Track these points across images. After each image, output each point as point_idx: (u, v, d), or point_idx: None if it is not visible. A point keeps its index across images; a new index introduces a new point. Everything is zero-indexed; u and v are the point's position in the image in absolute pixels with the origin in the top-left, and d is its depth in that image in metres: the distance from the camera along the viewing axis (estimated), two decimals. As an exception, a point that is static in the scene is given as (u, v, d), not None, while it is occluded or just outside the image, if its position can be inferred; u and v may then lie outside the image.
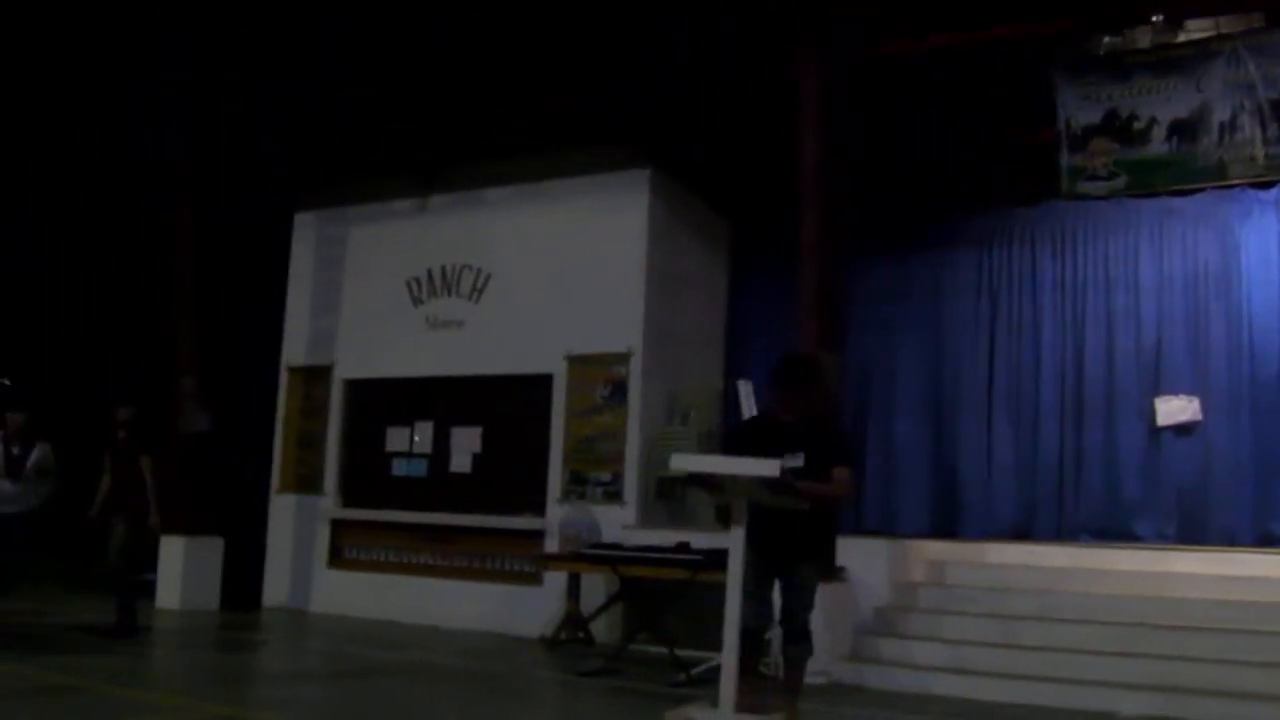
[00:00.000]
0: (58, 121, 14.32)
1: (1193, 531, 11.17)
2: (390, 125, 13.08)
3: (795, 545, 6.82)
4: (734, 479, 6.35)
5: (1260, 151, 10.34)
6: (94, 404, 12.00)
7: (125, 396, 11.44)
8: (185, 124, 13.76)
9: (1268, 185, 11.08)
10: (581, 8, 10.94)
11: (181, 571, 13.31)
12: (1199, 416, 11.33)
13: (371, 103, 12.86)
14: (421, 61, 12.14)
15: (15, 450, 10.72)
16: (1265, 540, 10.78)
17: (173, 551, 13.37)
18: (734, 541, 6.39)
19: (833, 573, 9.57)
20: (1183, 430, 11.42)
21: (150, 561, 13.56)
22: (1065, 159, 10.77)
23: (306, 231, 14.95)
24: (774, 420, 7.11)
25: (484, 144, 12.87)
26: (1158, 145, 10.55)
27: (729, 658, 6.24)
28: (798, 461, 6.60)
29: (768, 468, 6.12)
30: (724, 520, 6.58)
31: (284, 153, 13.84)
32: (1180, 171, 10.70)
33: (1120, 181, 10.76)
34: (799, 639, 6.99)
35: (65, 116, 14.23)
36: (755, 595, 6.65)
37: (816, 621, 7.10)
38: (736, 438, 7.56)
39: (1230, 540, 10.85)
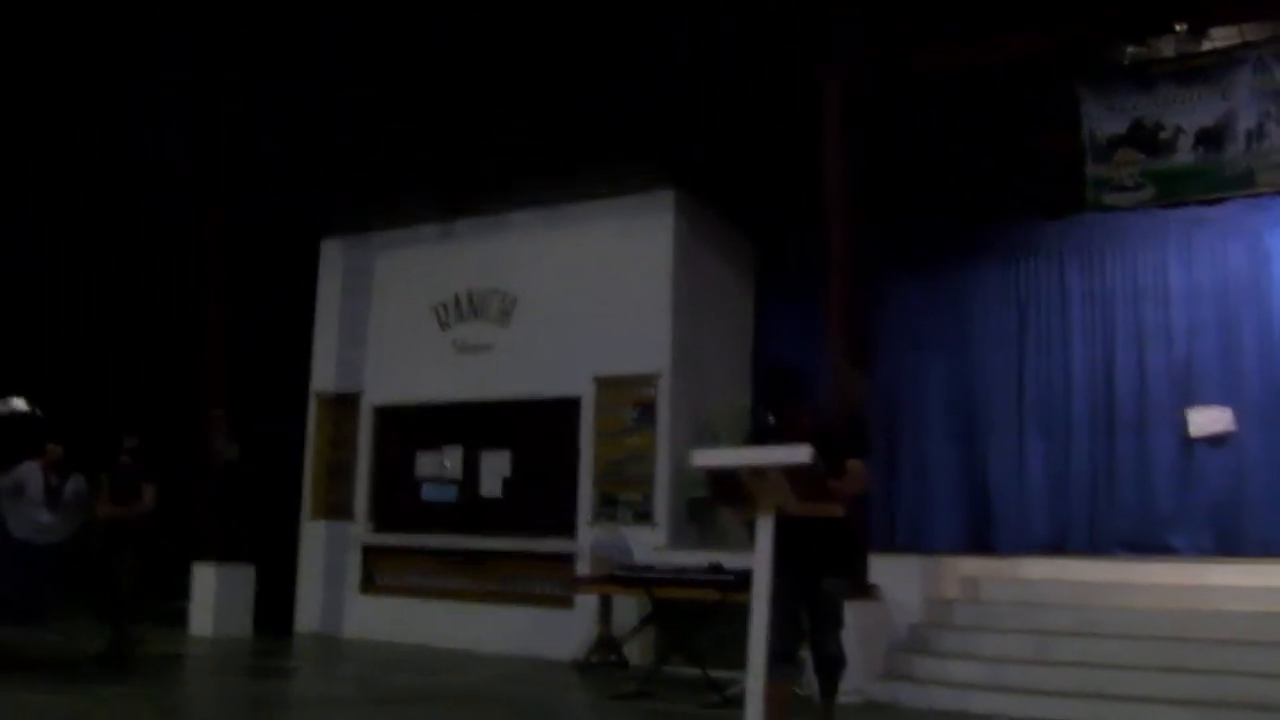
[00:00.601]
0: (86, 149, 14.41)
1: (1229, 543, 11.08)
2: (414, 151, 13.11)
3: (820, 559, 6.61)
4: (761, 479, 5.94)
5: (1288, 159, 10.27)
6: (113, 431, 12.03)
7: (131, 423, 11.45)
8: (210, 149, 13.83)
9: (1295, 193, 10.99)
10: (602, 27, 10.95)
11: (214, 598, 13.35)
12: (1232, 427, 11.24)
13: (396, 129, 12.90)
14: (445, 86, 12.17)
15: (54, 481, 10.79)
16: (1303, 550, 10.69)
17: (205, 579, 13.43)
18: (760, 551, 5.96)
19: (864, 588, 9.54)
20: (1216, 441, 11.33)
21: (178, 588, 13.67)
22: (1090, 170, 10.70)
23: (333, 258, 15.04)
24: (784, 428, 6.80)
25: (508, 168, 12.89)
26: (1184, 155, 10.48)
27: (754, 681, 5.85)
28: None
29: (799, 454, 5.73)
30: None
31: (309, 179, 13.89)
32: (1207, 181, 10.62)
33: (1147, 192, 10.68)
34: (831, 659, 6.79)
35: (90, 143, 14.31)
36: (782, 616, 6.24)
37: (850, 639, 6.97)
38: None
39: (1267, 551, 10.74)
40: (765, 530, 5.99)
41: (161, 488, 11.16)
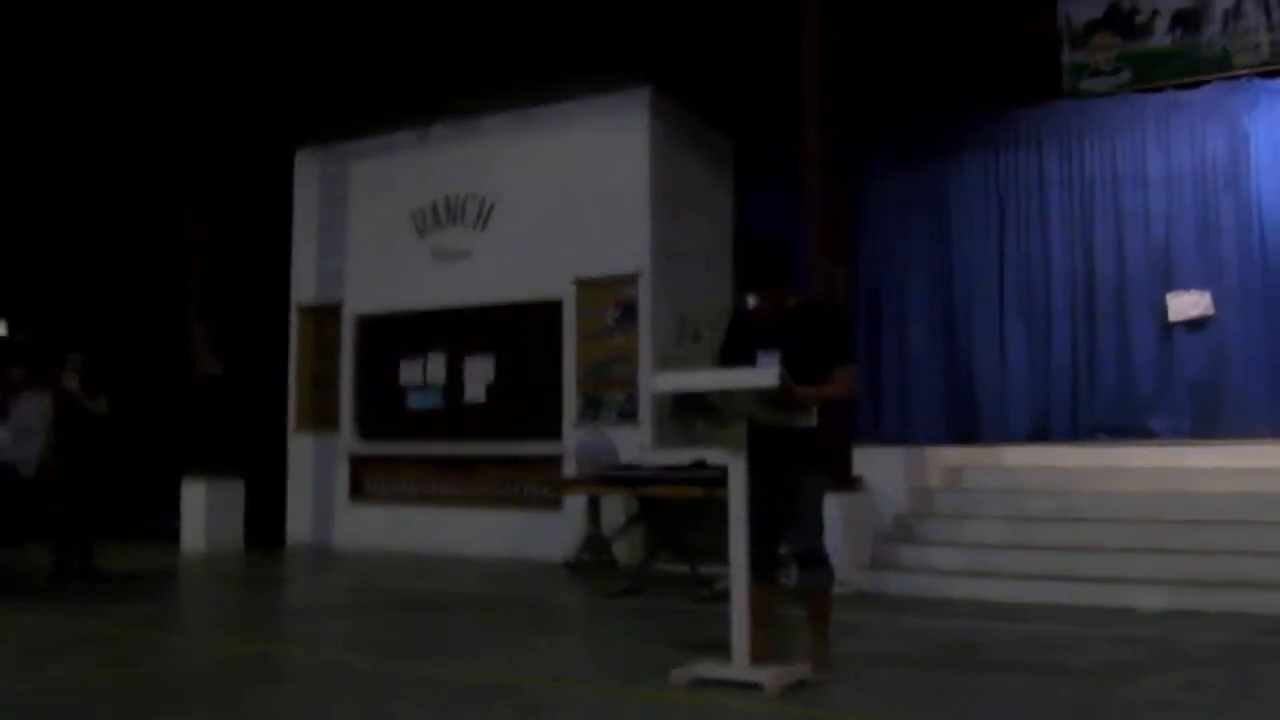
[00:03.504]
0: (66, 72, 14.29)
1: (1208, 425, 11.20)
2: (388, 57, 12.96)
3: (787, 455, 6.07)
4: (729, 397, 5.89)
5: (1265, 39, 10.23)
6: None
7: (75, 342, 11.39)
8: (189, 64, 13.67)
9: (1274, 74, 10.94)
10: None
11: (205, 514, 13.43)
12: (1211, 310, 11.30)
13: (369, 35, 12.74)
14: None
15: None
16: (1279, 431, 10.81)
17: (195, 495, 13.50)
18: (735, 476, 5.92)
19: (846, 481, 9.59)
20: (1195, 325, 11.40)
21: (169, 506, 13.75)
22: (1067, 56, 10.66)
23: (308, 169, 14.92)
24: (757, 317, 6.43)
25: (482, 71, 12.76)
26: (1160, 37, 10.44)
27: (739, 608, 5.89)
28: (773, 361, 5.93)
29: (765, 377, 5.65)
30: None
31: (284, 89, 13.73)
32: (1184, 63, 10.60)
33: (1124, 76, 10.66)
34: (813, 563, 6.22)
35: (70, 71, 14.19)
36: (758, 518, 6.03)
37: (835, 531, 6.82)
38: (724, 345, 6.66)
39: (1245, 433, 10.87)
40: (739, 441, 5.93)
41: (115, 399, 11.14)
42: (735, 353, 6.33)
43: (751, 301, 6.46)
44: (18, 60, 14.33)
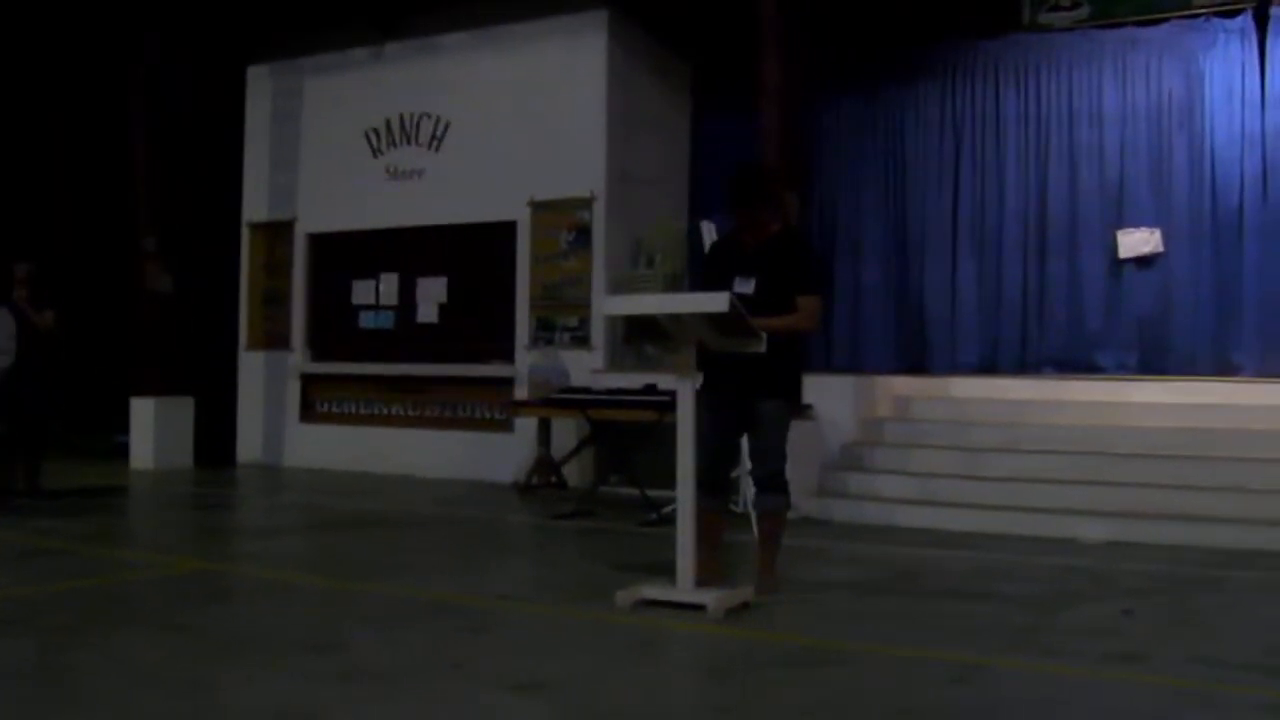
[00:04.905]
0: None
1: (1153, 361, 11.29)
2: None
3: (754, 381, 6.16)
4: (678, 321, 5.86)
5: (1226, -22, 10.22)
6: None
7: (24, 252, 11.23)
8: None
9: (1233, 13, 10.95)
10: None
11: (154, 431, 13.37)
12: (1161, 248, 11.36)
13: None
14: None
15: None
16: (1224, 369, 10.92)
17: (144, 412, 13.42)
18: (683, 401, 5.90)
19: (800, 409, 9.65)
20: (1144, 262, 11.45)
21: (117, 422, 13.65)
22: (1028, -11, 10.63)
23: (260, 84, 14.68)
24: (735, 244, 6.44)
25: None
26: (1122, -27, 10.42)
27: (684, 530, 5.91)
28: (748, 288, 6.03)
29: (714, 302, 5.62)
30: (699, 361, 6.05)
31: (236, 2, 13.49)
32: (1144, 0, 10.58)
33: (1083, 11, 10.65)
34: (770, 489, 6.33)
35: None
36: (712, 443, 6.17)
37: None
38: (704, 270, 6.67)
39: (1190, 369, 10.97)
40: (687, 368, 5.93)
41: (61, 313, 10.99)
42: (714, 278, 6.33)
43: (708, 228, 6.50)
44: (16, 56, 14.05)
